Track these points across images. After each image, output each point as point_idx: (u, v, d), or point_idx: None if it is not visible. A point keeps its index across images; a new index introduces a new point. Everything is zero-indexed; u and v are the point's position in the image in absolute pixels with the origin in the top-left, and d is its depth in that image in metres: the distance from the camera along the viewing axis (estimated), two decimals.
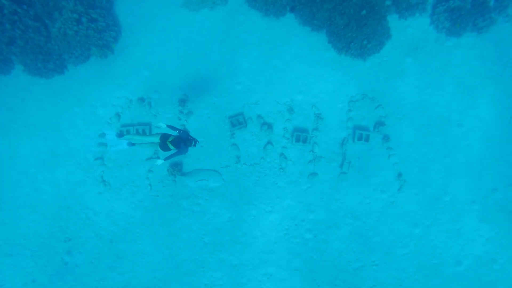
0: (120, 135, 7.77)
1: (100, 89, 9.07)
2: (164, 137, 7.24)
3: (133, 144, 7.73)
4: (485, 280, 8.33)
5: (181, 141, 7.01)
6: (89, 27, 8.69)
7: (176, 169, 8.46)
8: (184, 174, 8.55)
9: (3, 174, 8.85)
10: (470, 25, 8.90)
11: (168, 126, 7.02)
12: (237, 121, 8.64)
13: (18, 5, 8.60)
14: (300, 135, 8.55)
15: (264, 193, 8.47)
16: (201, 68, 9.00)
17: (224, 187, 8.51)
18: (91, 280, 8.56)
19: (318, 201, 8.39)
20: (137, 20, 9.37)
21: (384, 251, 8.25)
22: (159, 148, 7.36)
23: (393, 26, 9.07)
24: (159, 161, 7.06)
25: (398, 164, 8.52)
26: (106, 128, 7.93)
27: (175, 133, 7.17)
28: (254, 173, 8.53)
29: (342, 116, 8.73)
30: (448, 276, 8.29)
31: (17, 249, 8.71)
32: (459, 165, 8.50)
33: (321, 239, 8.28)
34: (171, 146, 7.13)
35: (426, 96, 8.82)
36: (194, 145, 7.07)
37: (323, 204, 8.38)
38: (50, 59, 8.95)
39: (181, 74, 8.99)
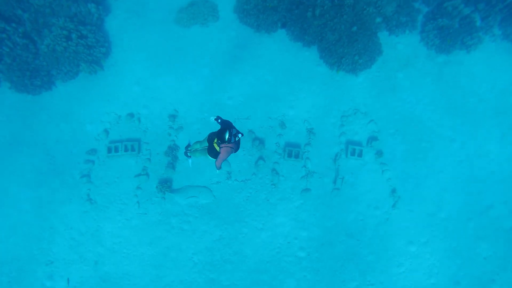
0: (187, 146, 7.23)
1: (89, 105, 9.38)
2: (210, 139, 6.14)
3: (190, 156, 7.21)
4: None
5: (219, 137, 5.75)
6: (79, 43, 9.13)
7: (166, 185, 8.69)
8: (173, 191, 8.79)
9: None
10: (459, 43, 9.54)
11: (218, 119, 6.09)
12: None
13: (7, 23, 9.05)
14: (292, 150, 8.89)
15: (256, 210, 8.69)
16: (191, 83, 9.42)
17: (214, 204, 8.73)
18: None
19: (311, 218, 8.63)
20: (128, 36, 9.85)
21: (380, 270, 8.44)
22: (207, 155, 6.33)
23: (384, 42, 9.67)
24: (218, 171, 6.21)
25: (392, 179, 8.86)
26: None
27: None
28: (246, 189, 8.80)
29: (334, 131, 9.14)
30: None
31: None
32: (454, 181, 8.86)
33: (315, 257, 8.47)
34: (217, 148, 5.96)
35: (418, 112, 9.31)
36: (231, 141, 5.63)
37: (316, 221, 8.62)
38: (37, 76, 9.31)
39: (171, 89, 9.38)
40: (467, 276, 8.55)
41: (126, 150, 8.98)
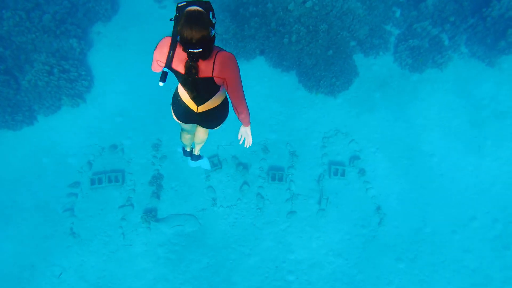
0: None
1: (71, 138, 9.55)
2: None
3: (202, 156, 5.97)
4: None
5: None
6: (61, 77, 9.44)
7: (151, 215, 8.78)
8: (159, 220, 8.88)
9: None
10: (430, 61, 10.19)
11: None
12: (212, 163, 9.25)
13: None
14: (276, 174, 9.14)
15: (242, 235, 8.79)
16: None
17: (200, 231, 8.81)
18: None
19: (298, 240, 8.77)
20: (110, 68, 10.20)
21: None
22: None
23: (359, 64, 10.24)
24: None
25: (376, 197, 9.14)
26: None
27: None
28: (231, 215, 8.94)
29: (316, 152, 9.47)
30: None
31: None
32: (436, 195, 9.19)
33: (304, 280, 8.54)
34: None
35: (397, 129, 9.75)
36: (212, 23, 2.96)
37: (303, 243, 8.75)
38: (19, 111, 9.49)
39: (154, 119, 9.65)
40: None
41: (110, 181, 9.10)
